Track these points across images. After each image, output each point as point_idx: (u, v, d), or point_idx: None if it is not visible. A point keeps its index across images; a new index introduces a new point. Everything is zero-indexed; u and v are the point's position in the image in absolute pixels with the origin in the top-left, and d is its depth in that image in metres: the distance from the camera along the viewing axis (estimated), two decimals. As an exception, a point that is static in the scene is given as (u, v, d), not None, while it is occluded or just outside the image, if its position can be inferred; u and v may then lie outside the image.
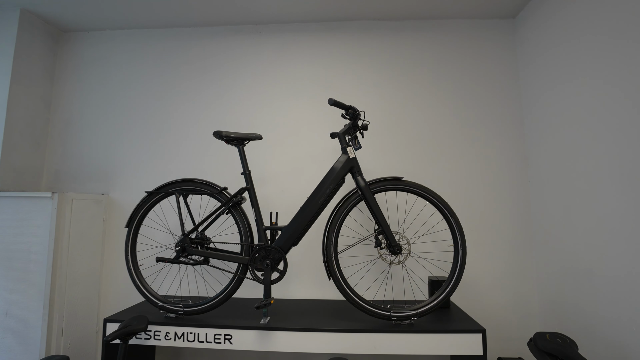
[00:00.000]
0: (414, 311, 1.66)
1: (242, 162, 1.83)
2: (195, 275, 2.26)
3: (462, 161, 2.27)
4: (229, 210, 1.80)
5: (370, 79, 2.37)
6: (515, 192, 2.23)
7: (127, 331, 1.52)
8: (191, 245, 1.79)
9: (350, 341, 1.60)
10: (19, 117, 2.34)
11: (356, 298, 1.69)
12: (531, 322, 2.14)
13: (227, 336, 1.65)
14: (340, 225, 1.75)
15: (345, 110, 1.70)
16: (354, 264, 2.17)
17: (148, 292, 1.82)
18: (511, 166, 2.25)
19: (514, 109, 2.29)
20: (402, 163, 2.28)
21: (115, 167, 2.46)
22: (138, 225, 1.89)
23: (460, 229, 1.71)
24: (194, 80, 2.48)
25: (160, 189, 1.86)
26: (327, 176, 1.74)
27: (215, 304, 1.76)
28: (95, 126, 2.52)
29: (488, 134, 2.28)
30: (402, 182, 1.75)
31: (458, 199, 2.23)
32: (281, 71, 2.43)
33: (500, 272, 2.19)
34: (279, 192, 2.31)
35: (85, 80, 2.57)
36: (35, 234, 2.05)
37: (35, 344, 1.97)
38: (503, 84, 2.31)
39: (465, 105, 2.31)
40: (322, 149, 2.33)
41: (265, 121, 2.39)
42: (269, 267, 1.71)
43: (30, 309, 2.00)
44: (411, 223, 2.18)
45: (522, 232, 2.20)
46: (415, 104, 2.34)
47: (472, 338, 1.58)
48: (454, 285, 1.69)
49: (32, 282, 2.02)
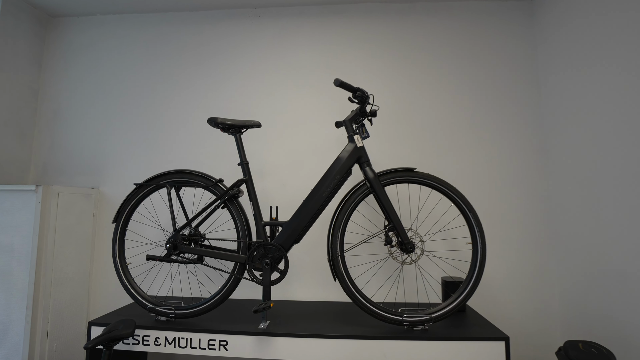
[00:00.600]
0: (428, 315, 1.51)
1: (240, 152, 1.68)
2: (189, 275, 2.11)
3: (476, 152, 2.11)
4: (225, 204, 1.65)
5: (376, 66, 2.21)
6: (533, 185, 2.07)
7: (111, 337, 1.37)
8: (183, 242, 1.64)
9: (358, 348, 1.45)
10: (3, 105, 2.20)
11: (364, 301, 1.53)
12: (551, 328, 1.98)
13: (223, 342, 1.50)
14: (347, 220, 1.59)
15: (353, 92, 1.54)
16: (361, 263, 2.01)
17: (137, 293, 1.67)
18: (528, 158, 2.09)
19: (532, 96, 2.12)
20: (410, 154, 2.12)
21: (106, 160, 2.32)
22: (126, 220, 1.74)
23: (480, 225, 1.56)
24: (189, 67, 2.32)
25: (150, 180, 1.71)
26: (332, 167, 1.59)
27: (210, 306, 1.61)
28: (85, 116, 2.37)
29: (504, 124, 2.12)
30: (415, 174, 1.59)
31: (471, 193, 2.07)
32: (282, 58, 2.27)
33: (517, 273, 2.03)
34: (280, 185, 2.16)
35: (74, 68, 2.42)
36: (18, 229, 1.91)
37: (17, 347, 1.83)
38: (519, 70, 2.14)
39: (479, 93, 2.15)
40: (326, 139, 2.17)
41: (265, 111, 2.23)
42: (268, 267, 1.56)
43: (12, 310, 1.86)
44: (425, 219, 2.01)
45: (540, 229, 2.04)
46: (425, 92, 2.17)
47: (493, 346, 1.42)
48: (473, 287, 1.53)
49: (15, 282, 1.88)
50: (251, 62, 2.29)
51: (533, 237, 2.04)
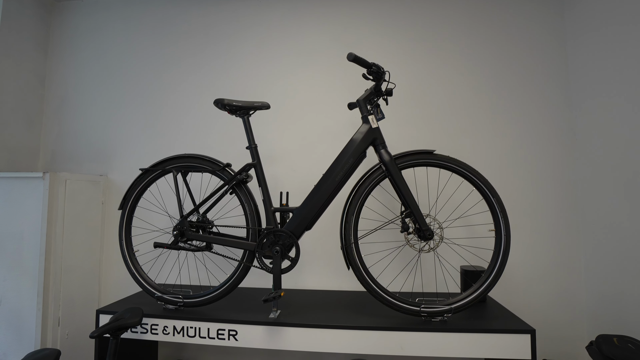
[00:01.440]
0: (447, 306, 1.42)
1: (248, 135, 1.60)
2: (197, 263, 2.07)
3: (498, 134, 1.98)
4: (233, 189, 1.58)
5: (392, 44, 2.09)
6: (560, 169, 1.94)
7: (117, 325, 1.33)
8: (191, 229, 1.58)
9: (373, 340, 1.38)
10: (10, 92, 2.16)
11: (379, 290, 1.46)
12: (577, 321, 1.87)
13: (232, 332, 1.45)
14: (361, 206, 1.50)
15: (368, 68, 1.44)
16: (376, 251, 1.93)
17: (144, 281, 1.63)
18: (555, 140, 1.95)
19: (560, 74, 1.97)
20: (428, 137, 2.01)
21: (114, 147, 2.27)
22: (133, 207, 1.69)
23: (504, 211, 1.45)
24: (196, 50, 2.24)
25: (156, 165, 1.65)
26: (346, 150, 1.50)
27: (219, 295, 1.56)
28: (92, 103, 2.33)
29: (528, 103, 1.98)
30: (434, 156, 1.49)
31: (493, 177, 1.95)
32: (291, 37, 2.16)
33: (542, 262, 1.91)
34: (290, 171, 2.08)
35: (80, 54, 2.37)
36: (27, 217, 1.89)
37: (30, 334, 1.83)
38: (546, 46, 1.99)
39: (503, 71, 2.01)
40: (338, 122, 2.07)
41: (275, 93, 2.14)
42: (278, 254, 1.49)
43: (24, 297, 1.85)
44: (444, 205, 1.91)
45: (567, 216, 1.91)
46: (444, 71, 2.04)
47: (518, 339, 1.33)
48: (496, 277, 1.43)
49: (26, 269, 1.87)
50: (260, 43, 2.19)
51: (559, 225, 1.92)
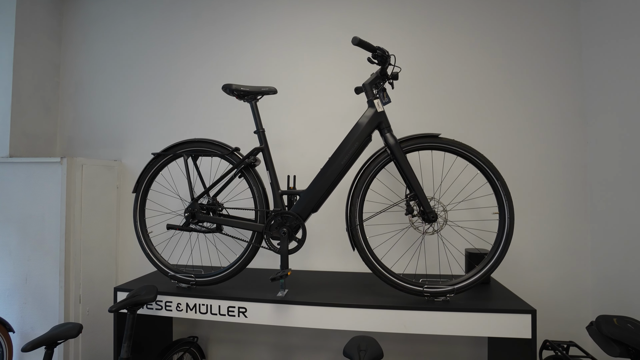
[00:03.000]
0: (450, 287, 1.45)
1: (255, 119, 1.63)
2: (208, 244, 2.14)
3: (507, 117, 1.97)
4: (242, 172, 1.63)
5: (401, 25, 2.06)
6: (569, 153, 1.92)
7: (134, 301, 1.42)
8: (201, 211, 1.64)
9: (377, 318, 1.43)
10: (27, 79, 2.23)
11: (383, 270, 1.50)
12: (582, 303, 1.88)
13: (242, 309, 1.52)
14: (366, 189, 1.53)
15: (373, 51, 1.44)
16: (381, 232, 1.97)
17: (158, 261, 1.70)
18: (566, 122, 1.92)
19: (572, 55, 1.93)
20: (435, 121, 2.01)
21: (127, 132, 2.34)
22: (146, 190, 1.76)
23: (508, 193, 1.46)
24: (205, 34, 2.26)
25: (167, 150, 1.71)
26: (351, 133, 1.52)
27: (229, 274, 1.62)
28: (105, 88, 2.39)
29: (538, 85, 1.95)
30: (439, 140, 1.50)
31: (501, 161, 1.94)
32: (299, 20, 2.16)
33: (548, 246, 1.92)
34: (298, 155, 2.11)
35: (92, 40, 2.42)
36: (47, 200, 1.98)
37: (54, 309, 1.95)
38: (558, 25, 1.94)
39: (513, 53, 1.97)
40: (346, 106, 2.08)
41: (283, 78, 2.15)
42: (285, 236, 1.54)
43: (47, 276, 1.97)
44: (448, 187, 1.92)
45: (576, 200, 1.90)
46: (453, 53, 2.02)
47: (519, 319, 1.36)
48: (499, 259, 1.46)
49: (48, 249, 1.97)
50: (268, 29, 2.19)
51: (567, 208, 1.91)
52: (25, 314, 1.99)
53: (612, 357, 1.20)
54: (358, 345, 1.21)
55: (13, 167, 2.02)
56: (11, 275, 2.00)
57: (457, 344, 1.94)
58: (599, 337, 1.25)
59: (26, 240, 2.00)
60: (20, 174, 2.01)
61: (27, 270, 1.99)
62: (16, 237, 2.00)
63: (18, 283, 1.99)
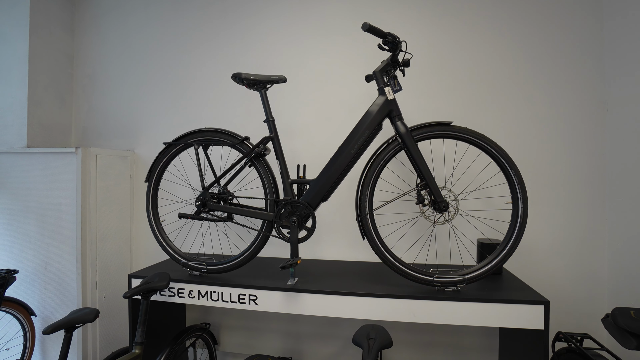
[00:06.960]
0: (461, 277, 1.44)
1: (265, 108, 1.63)
2: (219, 233, 2.17)
3: (522, 105, 1.91)
4: (252, 162, 1.63)
5: (412, 11, 2.01)
6: (588, 142, 1.86)
7: (147, 288, 1.45)
8: (212, 200, 1.66)
9: (387, 307, 1.43)
10: (42, 71, 2.27)
11: (393, 260, 1.49)
12: (597, 295, 1.84)
13: (252, 297, 1.54)
14: (377, 178, 1.52)
15: (383, 37, 1.41)
16: (391, 222, 1.96)
17: (171, 249, 1.74)
18: (584, 111, 1.86)
19: (592, 41, 1.85)
20: (448, 109, 1.96)
21: (139, 123, 2.37)
22: (158, 179, 1.78)
23: (522, 182, 1.43)
24: (215, 23, 2.25)
25: (178, 140, 1.72)
26: (361, 122, 1.50)
27: (239, 262, 1.64)
28: (117, 80, 2.41)
29: (556, 73, 1.88)
30: (451, 128, 1.47)
31: (516, 150, 1.89)
32: (309, 8, 2.12)
33: (564, 236, 1.88)
34: (308, 145, 2.10)
35: (104, 31, 2.44)
36: (64, 189, 2.03)
37: (72, 295, 2.01)
38: (578, 10, 1.86)
39: (528, 39, 1.91)
40: (356, 95, 2.05)
41: (293, 66, 2.14)
42: (295, 225, 1.54)
43: (65, 263, 2.03)
44: (460, 177, 1.89)
45: (593, 190, 1.85)
46: (466, 39, 1.96)
47: (531, 310, 1.34)
48: (511, 249, 1.43)
49: (65, 237, 2.03)
50: (278, 18, 2.17)
51: (584, 198, 1.86)
52: (46, 299, 2.06)
53: (628, 349, 1.18)
54: (367, 334, 1.22)
55: (31, 158, 2.07)
56: (32, 262, 2.07)
57: (467, 334, 1.93)
58: (615, 330, 1.22)
59: (45, 228, 2.06)
60: (38, 164, 2.06)
61: (46, 257, 2.06)
62: (35, 225, 2.06)
63: (38, 269, 2.06)
